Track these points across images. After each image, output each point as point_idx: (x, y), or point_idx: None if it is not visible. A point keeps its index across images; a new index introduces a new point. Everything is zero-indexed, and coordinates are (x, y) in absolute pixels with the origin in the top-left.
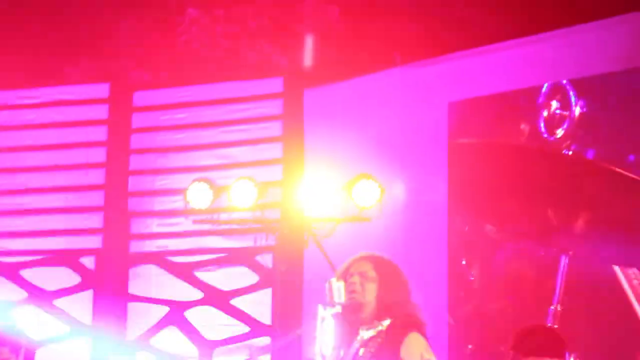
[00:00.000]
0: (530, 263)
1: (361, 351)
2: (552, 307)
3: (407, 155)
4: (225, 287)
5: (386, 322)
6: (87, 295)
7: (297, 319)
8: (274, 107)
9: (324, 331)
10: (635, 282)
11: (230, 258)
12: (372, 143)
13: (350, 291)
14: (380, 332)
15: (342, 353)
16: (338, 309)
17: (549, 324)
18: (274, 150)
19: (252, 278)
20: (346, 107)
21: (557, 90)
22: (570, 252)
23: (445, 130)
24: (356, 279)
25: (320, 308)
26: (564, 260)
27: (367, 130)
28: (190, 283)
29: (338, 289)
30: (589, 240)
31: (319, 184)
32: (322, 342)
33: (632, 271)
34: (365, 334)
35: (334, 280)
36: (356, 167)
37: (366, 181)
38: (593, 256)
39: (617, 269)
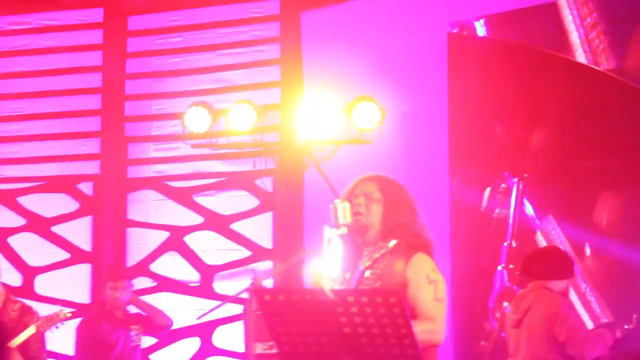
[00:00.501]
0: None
1: (367, 273)
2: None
3: (408, 77)
4: (225, 211)
5: (392, 243)
6: (86, 222)
7: (298, 242)
8: (271, 29)
9: (331, 253)
10: None
11: (229, 182)
12: (372, 64)
13: (355, 213)
14: (385, 253)
15: (347, 276)
16: (344, 230)
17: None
18: (272, 73)
19: (252, 202)
20: (344, 29)
21: None
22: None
23: (445, 50)
24: (361, 200)
25: (326, 229)
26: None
27: (367, 51)
28: (189, 208)
29: (343, 210)
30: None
31: (319, 107)
32: (329, 264)
33: None
34: (370, 255)
35: (338, 201)
36: (356, 89)
37: (366, 103)
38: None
39: None
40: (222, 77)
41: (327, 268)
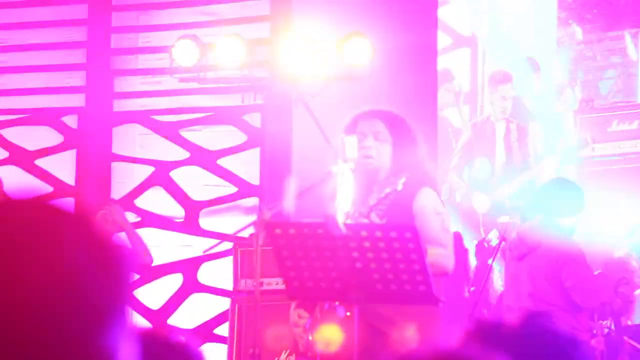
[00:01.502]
0: None
1: (375, 209)
2: None
3: (398, 13)
4: (212, 147)
5: (401, 181)
6: (70, 155)
7: (285, 179)
8: None
9: (343, 187)
10: None
11: (217, 117)
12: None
13: (365, 156)
14: (394, 190)
15: (360, 211)
16: (352, 165)
17: None
18: (261, 7)
19: (239, 137)
20: None
21: None
22: None
23: None
24: (370, 141)
25: (339, 162)
26: None
27: None
28: (175, 142)
29: (350, 144)
30: None
31: (308, 42)
32: (342, 198)
33: None
34: (380, 191)
35: (344, 135)
36: (346, 24)
37: (357, 39)
38: None
39: None
40: (211, 10)
41: (339, 202)
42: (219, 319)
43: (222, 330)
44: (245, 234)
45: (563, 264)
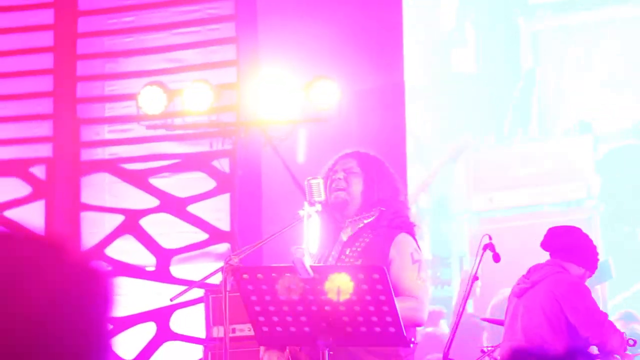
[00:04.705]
0: None
1: (347, 251)
2: None
3: (365, 55)
4: (182, 193)
5: (370, 217)
6: (39, 206)
7: (256, 223)
8: (226, 7)
9: (310, 229)
10: None
11: (185, 163)
12: (329, 43)
13: (335, 189)
14: (365, 227)
15: (326, 253)
16: (319, 207)
17: None
18: (228, 52)
19: (209, 183)
20: (301, 6)
21: None
22: None
23: (401, 28)
24: (341, 175)
25: (306, 205)
26: None
27: (324, 29)
28: (145, 190)
29: (318, 186)
30: None
31: (275, 86)
32: (308, 240)
33: None
34: (349, 230)
35: (310, 178)
36: (312, 67)
37: (324, 82)
38: None
39: None
40: (177, 57)
41: (307, 245)
42: None
43: None
44: (216, 280)
45: (564, 301)
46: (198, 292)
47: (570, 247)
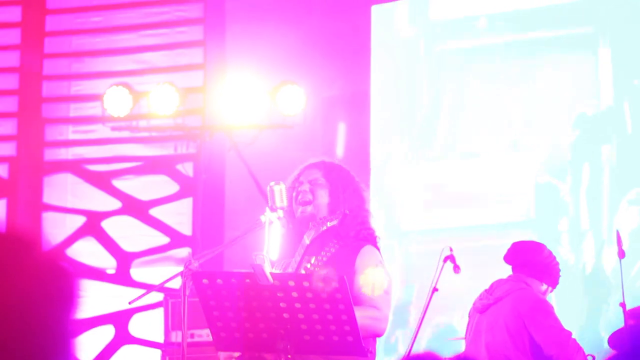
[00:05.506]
0: None
1: (312, 259)
2: None
3: (331, 60)
4: (144, 196)
5: (334, 220)
6: (1, 204)
7: (218, 228)
8: (194, 10)
9: (271, 235)
10: None
11: (149, 166)
12: (296, 48)
13: (302, 202)
14: (328, 231)
15: (291, 259)
16: (280, 213)
17: None
18: (195, 55)
19: (172, 187)
20: (269, 11)
21: None
22: None
23: (368, 33)
24: (306, 187)
25: (267, 211)
26: None
27: (291, 34)
28: (107, 192)
29: (280, 192)
30: None
31: (242, 90)
32: (269, 246)
33: None
34: (312, 233)
35: (273, 183)
36: (279, 73)
37: (291, 87)
38: None
39: None
40: (144, 59)
41: (267, 251)
42: None
43: None
44: (176, 284)
45: (526, 317)
46: (158, 296)
47: (534, 263)
